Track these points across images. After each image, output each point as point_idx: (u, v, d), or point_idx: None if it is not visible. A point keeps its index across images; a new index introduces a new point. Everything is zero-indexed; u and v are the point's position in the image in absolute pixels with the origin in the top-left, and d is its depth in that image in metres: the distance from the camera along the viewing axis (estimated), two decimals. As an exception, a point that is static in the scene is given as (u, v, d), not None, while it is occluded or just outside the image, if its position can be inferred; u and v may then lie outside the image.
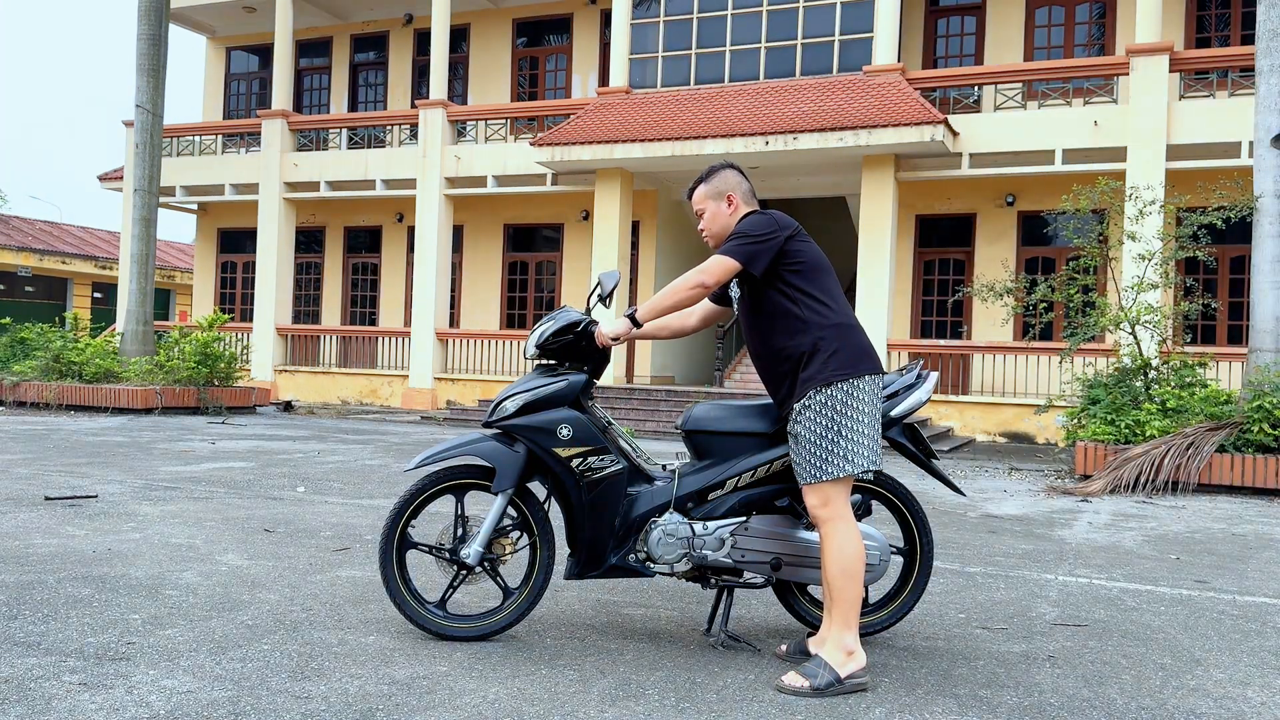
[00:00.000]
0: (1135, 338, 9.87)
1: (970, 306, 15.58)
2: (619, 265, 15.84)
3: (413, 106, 18.97)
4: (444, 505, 5.44)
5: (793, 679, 3.05)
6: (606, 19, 18.22)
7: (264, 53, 21.84)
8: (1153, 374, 9.97)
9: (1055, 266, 14.70)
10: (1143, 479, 8.49)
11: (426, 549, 3.52)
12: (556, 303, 18.65)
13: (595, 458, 3.38)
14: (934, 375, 3.61)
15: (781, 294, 3.26)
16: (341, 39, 21.21)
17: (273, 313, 18.81)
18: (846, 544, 3.12)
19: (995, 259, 15.29)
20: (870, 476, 3.36)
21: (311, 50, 21.57)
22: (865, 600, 3.54)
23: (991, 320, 15.00)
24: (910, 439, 3.55)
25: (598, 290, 3.46)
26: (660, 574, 3.47)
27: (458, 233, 19.13)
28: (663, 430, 13.69)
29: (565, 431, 3.37)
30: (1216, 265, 13.98)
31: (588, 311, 3.57)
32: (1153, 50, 13.13)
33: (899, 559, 3.86)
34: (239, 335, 19.07)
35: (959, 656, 3.47)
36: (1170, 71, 13.14)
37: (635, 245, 17.30)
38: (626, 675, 3.15)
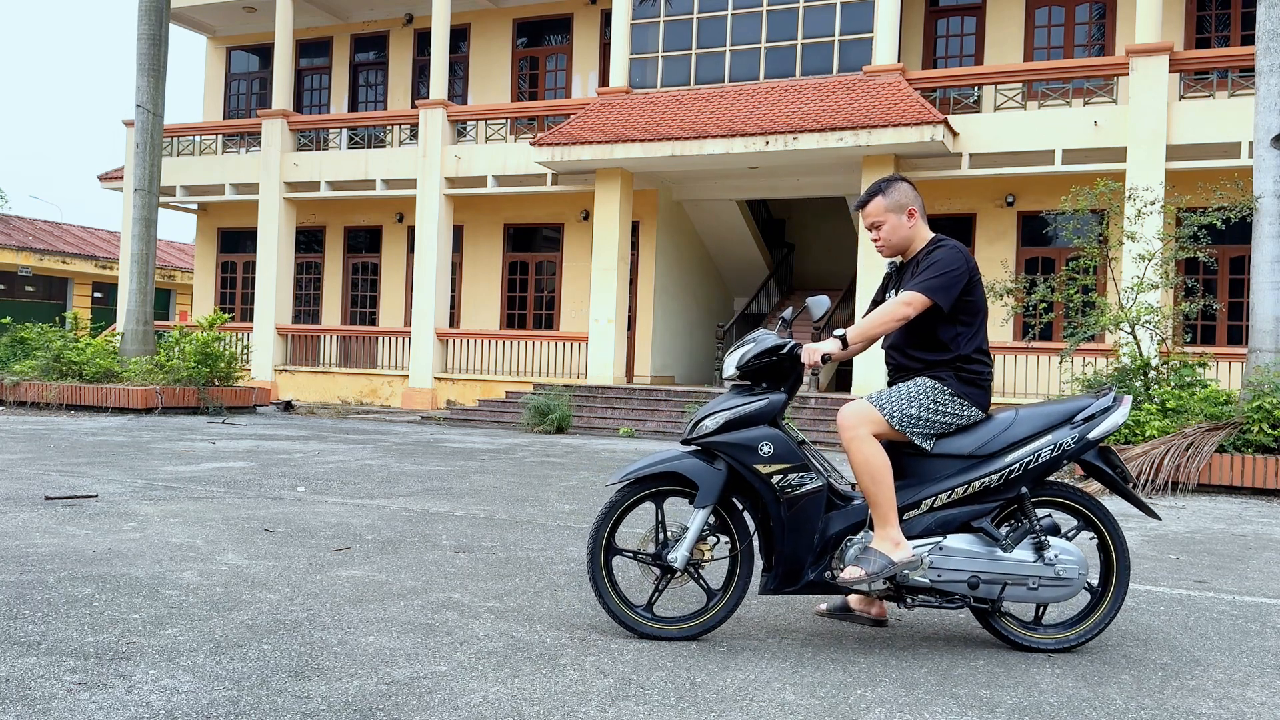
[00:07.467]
0: (1135, 338, 9.86)
1: (970, 306, 15.56)
2: (619, 265, 15.85)
3: (413, 106, 18.97)
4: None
5: (850, 571, 3.32)
6: (606, 19, 18.22)
7: (264, 53, 21.84)
8: (1152, 374, 9.96)
9: (1055, 267, 14.69)
10: (1142, 479, 8.49)
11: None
12: (557, 302, 18.66)
13: (795, 474, 3.43)
14: (1128, 398, 3.60)
15: (942, 321, 3.51)
16: (341, 39, 21.22)
17: (273, 312, 18.81)
18: (858, 455, 3.38)
19: (995, 259, 15.28)
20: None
21: (311, 50, 21.57)
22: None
23: (991, 320, 14.92)
24: (1106, 462, 3.56)
25: (805, 312, 3.52)
26: (857, 592, 3.53)
27: (458, 233, 19.12)
28: (663, 430, 13.60)
29: (766, 449, 3.42)
30: (1216, 265, 13.97)
31: (787, 328, 3.66)
32: (1152, 50, 13.13)
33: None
34: (239, 335, 19.06)
35: (959, 656, 3.47)
36: (1170, 72, 13.14)
37: (635, 245, 17.29)
38: (626, 675, 3.15)
